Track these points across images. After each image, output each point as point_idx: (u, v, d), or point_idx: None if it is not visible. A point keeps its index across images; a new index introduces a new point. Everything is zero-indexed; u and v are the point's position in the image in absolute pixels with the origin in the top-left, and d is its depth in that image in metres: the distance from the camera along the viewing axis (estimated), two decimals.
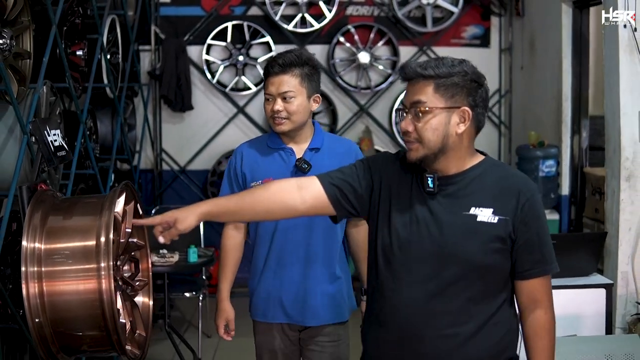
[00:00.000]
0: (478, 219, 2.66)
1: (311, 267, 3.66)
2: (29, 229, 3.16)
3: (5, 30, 4.25)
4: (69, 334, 3.18)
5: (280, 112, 3.55)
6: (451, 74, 2.63)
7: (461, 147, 2.69)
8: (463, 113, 2.65)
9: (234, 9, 8.41)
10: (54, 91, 4.99)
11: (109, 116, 7.06)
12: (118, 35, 6.89)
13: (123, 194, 3.38)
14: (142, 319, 3.55)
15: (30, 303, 3.10)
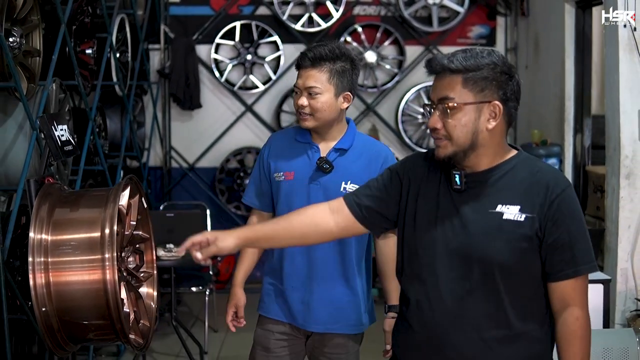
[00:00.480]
0: (504, 217, 2.51)
1: (321, 272, 3.44)
2: (36, 220, 3.27)
3: (15, 28, 4.36)
4: (74, 322, 3.29)
5: (305, 108, 3.35)
6: (480, 66, 2.48)
7: (492, 143, 2.55)
8: (494, 108, 2.50)
9: (242, 9, 8.49)
10: (63, 88, 5.10)
11: (118, 114, 7.15)
12: (127, 34, 6.99)
13: (128, 187, 3.49)
14: (147, 309, 3.65)
15: (37, 293, 3.21)
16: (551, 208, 2.47)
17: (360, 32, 8.48)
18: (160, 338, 6.59)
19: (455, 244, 2.55)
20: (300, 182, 3.40)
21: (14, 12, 4.32)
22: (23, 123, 4.59)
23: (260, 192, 3.57)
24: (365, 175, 3.20)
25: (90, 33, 5.82)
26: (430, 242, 2.61)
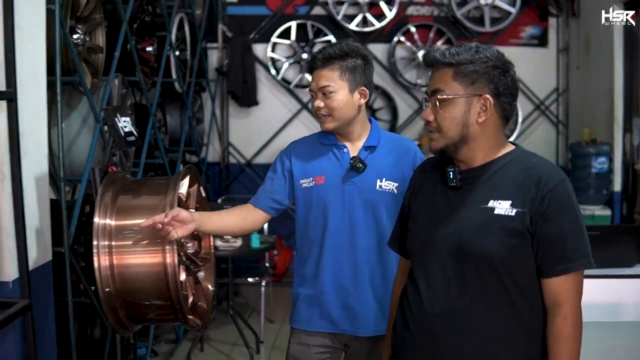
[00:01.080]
0: (495, 212, 2.46)
1: (363, 274, 3.32)
2: (100, 206, 3.43)
3: (80, 26, 4.57)
4: (136, 303, 3.44)
5: (322, 109, 3.30)
6: (472, 60, 2.47)
7: (484, 137, 2.52)
8: (484, 101, 2.48)
9: (298, 9, 8.65)
10: (125, 84, 5.31)
11: (177, 110, 7.37)
12: (186, 33, 7.19)
13: (187, 176, 3.65)
14: (204, 293, 3.80)
15: (102, 274, 3.36)
16: (542, 203, 2.43)
17: (414, 32, 8.58)
18: (217, 327, 6.78)
19: (449, 242, 2.53)
20: (332, 185, 3.32)
21: (78, 10, 4.53)
22: (87, 116, 4.80)
23: (269, 194, 3.47)
24: (396, 171, 3.30)
25: (150, 31, 6.04)
26: (426, 241, 2.61)
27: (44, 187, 3.87)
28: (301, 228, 3.45)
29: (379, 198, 3.29)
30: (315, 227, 3.37)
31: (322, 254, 3.34)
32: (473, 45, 2.53)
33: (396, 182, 3.30)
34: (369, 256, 3.32)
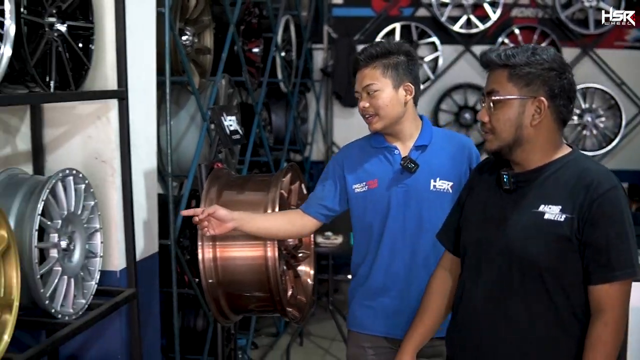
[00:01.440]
0: (545, 217, 2.43)
1: (419, 277, 3.15)
2: (206, 201, 3.58)
3: (189, 28, 4.74)
4: (237, 294, 3.58)
5: (368, 109, 3.20)
6: (528, 62, 2.43)
7: (538, 140, 2.48)
8: (539, 104, 2.43)
9: (402, 10, 8.70)
10: (231, 84, 5.48)
11: (283, 109, 7.52)
12: (292, 35, 7.33)
13: (288, 174, 3.77)
14: (304, 286, 3.92)
15: (205, 265, 3.52)
16: (590, 208, 2.37)
17: (518, 33, 8.53)
18: (317, 322, 6.91)
19: (498, 244, 2.51)
20: (385, 188, 3.22)
21: (187, 13, 4.71)
22: (194, 114, 4.98)
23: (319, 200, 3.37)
24: (452, 169, 3.19)
25: (257, 33, 6.19)
26: (476, 243, 2.60)
27: (152, 182, 4.04)
28: (357, 233, 3.36)
29: (434, 198, 3.17)
30: (371, 231, 3.26)
31: (377, 258, 3.25)
32: (530, 47, 2.48)
33: (451, 181, 3.17)
34: (425, 260, 3.19)
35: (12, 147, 3.47)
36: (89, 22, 3.37)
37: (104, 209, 3.59)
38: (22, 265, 2.86)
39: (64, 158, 3.63)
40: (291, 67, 7.36)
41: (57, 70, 3.15)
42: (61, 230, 3.12)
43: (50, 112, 3.63)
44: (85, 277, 3.32)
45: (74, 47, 3.27)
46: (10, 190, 3.07)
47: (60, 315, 3.08)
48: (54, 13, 3.12)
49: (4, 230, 2.68)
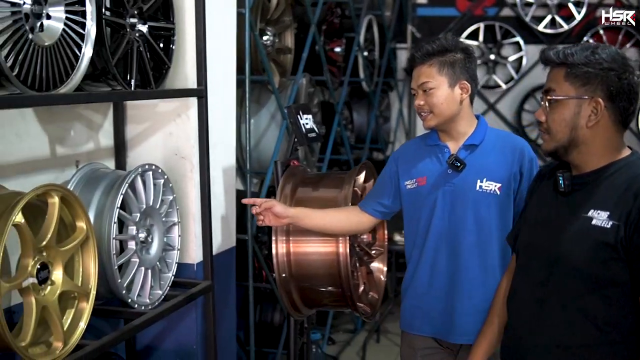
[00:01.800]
0: (592, 222, 2.33)
1: (464, 279, 3.14)
2: (280, 197, 3.65)
3: (269, 28, 4.84)
4: (309, 288, 3.65)
5: (423, 106, 3.16)
6: (585, 61, 2.34)
7: (595, 142, 2.39)
8: (595, 104, 2.34)
9: (487, 10, 8.68)
10: (312, 83, 5.56)
11: (365, 108, 7.59)
12: (375, 34, 7.38)
13: (363, 172, 3.82)
14: (376, 283, 3.97)
15: (279, 260, 3.60)
16: (638, 216, 2.26)
17: (602, 34, 8.42)
18: (394, 320, 6.92)
19: (546, 247, 2.46)
20: (433, 186, 3.19)
21: (268, 14, 4.80)
22: (275, 113, 5.09)
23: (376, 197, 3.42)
24: (502, 170, 3.11)
25: (339, 33, 6.27)
26: (527, 245, 2.58)
27: (231, 178, 4.14)
28: (406, 230, 3.36)
29: (480, 199, 3.10)
30: (417, 229, 3.24)
31: (422, 257, 3.22)
32: (591, 45, 2.40)
33: (499, 182, 3.09)
34: (468, 261, 3.14)
35: (95, 143, 3.60)
36: (170, 23, 3.48)
37: (182, 204, 3.71)
38: (101, 256, 2.98)
39: (145, 154, 3.76)
40: (373, 67, 7.41)
41: (138, 69, 3.27)
42: (139, 223, 3.24)
43: (132, 109, 3.76)
44: (163, 268, 3.42)
45: (155, 47, 3.38)
46: (92, 184, 3.19)
47: (137, 305, 3.19)
48: (136, 14, 3.23)
49: (83, 222, 2.80)
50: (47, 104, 3.01)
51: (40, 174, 3.22)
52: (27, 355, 2.49)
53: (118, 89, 3.19)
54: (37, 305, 2.56)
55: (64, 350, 2.67)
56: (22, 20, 2.50)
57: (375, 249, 3.99)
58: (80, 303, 2.83)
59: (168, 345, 3.84)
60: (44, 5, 2.63)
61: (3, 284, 2.42)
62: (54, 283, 2.68)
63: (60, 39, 2.71)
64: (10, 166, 3.06)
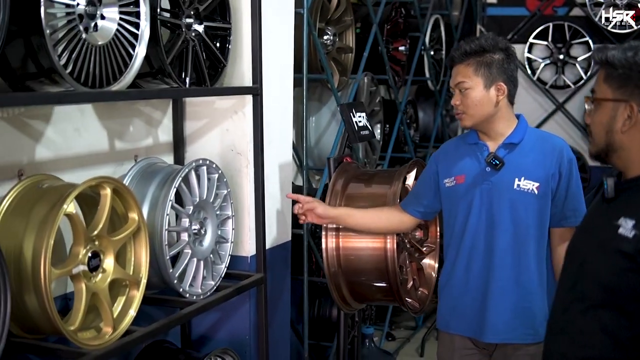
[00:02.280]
0: (618, 231, 2.21)
1: (497, 278, 3.15)
2: (332, 193, 3.75)
3: (330, 28, 4.93)
4: (358, 283, 3.74)
5: (458, 106, 3.17)
6: (623, 63, 2.22)
7: (633, 148, 2.26)
8: (631, 109, 2.22)
9: (557, 10, 8.62)
10: (374, 82, 5.63)
11: (431, 107, 7.62)
12: (442, 33, 7.41)
13: (414, 169, 3.88)
14: (426, 279, 4.02)
15: (328, 255, 3.69)
16: None
17: None
18: None
19: (578, 253, 2.40)
20: (471, 184, 3.20)
21: (328, 13, 4.89)
22: (335, 111, 5.18)
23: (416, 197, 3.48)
24: (539, 170, 3.10)
25: (403, 32, 6.32)
26: (568, 250, 2.50)
27: (287, 174, 4.24)
28: (445, 228, 3.39)
29: (518, 198, 3.10)
30: (454, 227, 3.27)
31: (458, 255, 3.24)
32: (636, 46, 2.25)
33: (537, 181, 3.09)
34: (502, 260, 3.15)
35: (154, 138, 3.74)
36: (226, 23, 3.59)
37: (237, 198, 3.82)
38: (153, 247, 3.11)
39: (203, 149, 3.88)
40: (440, 66, 7.44)
41: (194, 68, 3.38)
42: (192, 216, 3.35)
43: (191, 106, 3.89)
44: (216, 260, 3.54)
45: (211, 46, 3.50)
46: (147, 178, 3.33)
47: (188, 295, 3.31)
48: (192, 15, 3.35)
49: (135, 213, 2.93)
50: (98, 100, 3.16)
51: (99, 168, 3.36)
52: (75, 339, 2.62)
53: (174, 86, 3.30)
54: (87, 292, 2.70)
55: (113, 335, 2.80)
56: (75, 21, 2.63)
57: (426, 245, 4.05)
58: (131, 291, 2.96)
59: (222, 335, 3.96)
60: (99, 7, 2.75)
61: (54, 270, 2.55)
62: (105, 271, 2.81)
63: (114, 38, 2.83)
64: (69, 160, 3.20)
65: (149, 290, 3.29)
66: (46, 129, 3.06)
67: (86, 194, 2.85)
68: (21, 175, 2.87)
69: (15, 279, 2.55)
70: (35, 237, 2.55)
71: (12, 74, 2.64)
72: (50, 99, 2.70)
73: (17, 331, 2.71)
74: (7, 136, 2.87)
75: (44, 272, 2.48)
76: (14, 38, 2.49)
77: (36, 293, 2.52)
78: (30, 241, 2.55)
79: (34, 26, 2.45)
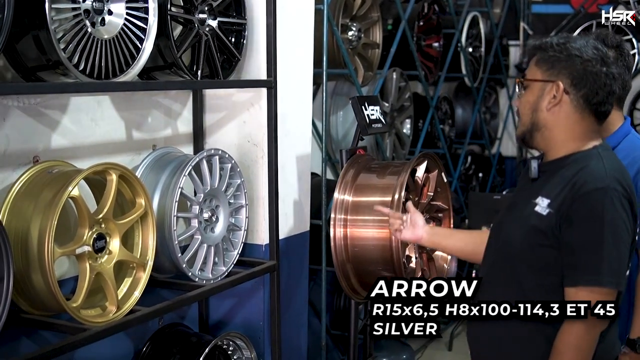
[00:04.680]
0: (535, 208, 2.43)
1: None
2: (341, 184, 3.86)
3: (355, 24, 5.04)
4: (365, 271, 3.84)
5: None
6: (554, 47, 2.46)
7: (557, 128, 2.48)
8: (557, 88, 2.44)
9: (601, 8, 8.59)
10: (404, 77, 5.72)
11: (471, 104, 7.69)
12: (481, 31, 7.47)
13: (423, 162, 3.96)
14: (437, 270, 4.10)
15: (336, 243, 3.81)
16: (571, 207, 2.34)
17: None
18: None
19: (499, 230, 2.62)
20: None
21: (353, 10, 5.01)
22: None
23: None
24: None
25: (437, 29, 6.40)
26: (494, 226, 2.71)
27: (305, 165, 4.36)
28: None
29: None
30: None
31: None
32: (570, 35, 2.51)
33: None
34: None
35: (173, 129, 3.89)
36: (241, 19, 3.73)
37: (253, 188, 3.96)
38: (163, 232, 3.27)
39: (221, 140, 4.02)
40: (479, 63, 7.49)
41: (206, 61, 3.53)
42: (203, 204, 3.50)
43: (211, 99, 4.03)
44: (228, 247, 3.68)
45: (225, 41, 3.63)
46: (161, 166, 3.49)
47: (198, 279, 3.45)
48: (205, 10, 3.49)
49: (142, 199, 3.09)
50: (101, 90, 3.31)
51: (116, 156, 3.51)
52: (78, 315, 2.78)
53: (186, 78, 3.45)
54: (90, 271, 2.87)
55: (117, 314, 2.96)
56: (81, 16, 2.79)
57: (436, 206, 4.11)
58: (137, 273, 3.13)
59: (237, 320, 4.10)
60: (106, 2, 2.91)
61: (57, 249, 2.72)
62: (110, 252, 2.98)
63: (121, 32, 2.99)
64: (86, 148, 3.36)
65: (163, 274, 3.47)
66: (62, 118, 3.23)
67: (99, 181, 3.02)
68: (36, 162, 3.04)
69: (23, 258, 2.73)
70: (42, 218, 2.72)
71: (24, 66, 2.82)
72: (53, 88, 2.87)
73: (27, 308, 2.88)
74: (23, 124, 3.04)
75: (47, 251, 2.65)
76: (26, 32, 2.67)
77: (41, 271, 2.69)
78: (37, 222, 2.72)
79: (40, 21, 2.62)
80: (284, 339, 4.01)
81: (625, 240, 2.36)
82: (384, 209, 3.38)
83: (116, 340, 3.50)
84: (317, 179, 4.79)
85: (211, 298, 4.07)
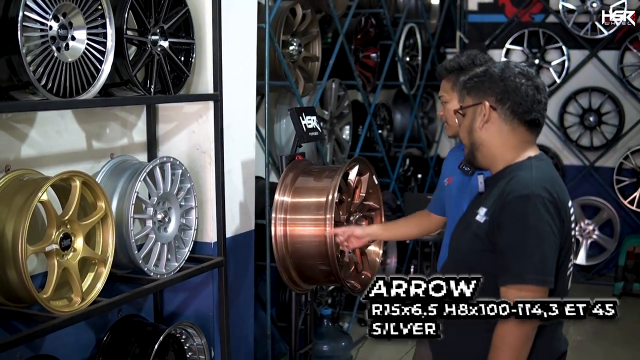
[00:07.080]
0: (476, 217, 2.65)
1: None
2: (281, 186, 4.24)
3: (295, 39, 5.46)
4: (304, 265, 4.22)
5: (442, 117, 3.56)
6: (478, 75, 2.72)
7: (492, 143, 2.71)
8: (484, 107, 2.68)
9: (534, 17, 9.12)
10: (342, 87, 6.15)
11: (409, 110, 8.14)
12: (418, 41, 7.93)
13: (355, 166, 4.36)
14: (370, 264, 4.51)
15: (277, 241, 4.17)
16: (501, 213, 2.53)
17: None
18: None
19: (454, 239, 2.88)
20: (457, 187, 3.52)
21: (293, 26, 5.43)
22: None
23: (436, 195, 3.83)
24: None
25: (374, 41, 6.84)
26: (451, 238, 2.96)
27: (250, 169, 4.78)
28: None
29: None
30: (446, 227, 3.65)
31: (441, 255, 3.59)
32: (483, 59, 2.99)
33: None
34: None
35: (129, 139, 4.27)
36: (189, 39, 4.12)
37: (202, 191, 4.36)
38: (121, 232, 3.66)
39: (173, 148, 4.41)
40: (416, 71, 7.94)
41: (159, 78, 3.92)
42: (157, 206, 3.89)
43: (163, 110, 4.42)
44: (180, 245, 4.07)
45: (175, 59, 4.02)
46: (118, 173, 3.86)
47: (152, 274, 3.84)
48: (157, 32, 3.88)
49: (102, 202, 3.48)
50: (67, 107, 3.66)
51: (78, 164, 3.88)
52: (48, 305, 3.17)
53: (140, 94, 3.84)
54: (58, 267, 3.25)
55: (82, 304, 3.35)
56: (49, 42, 3.18)
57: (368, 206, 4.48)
58: (99, 268, 3.51)
59: (189, 312, 4.50)
60: (69, 29, 3.30)
61: (29, 247, 3.11)
62: (75, 250, 3.36)
63: (83, 55, 3.37)
64: (52, 157, 3.73)
65: (122, 270, 3.85)
66: (30, 131, 3.60)
67: (64, 186, 3.41)
68: (8, 170, 3.41)
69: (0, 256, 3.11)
70: (15, 220, 3.09)
71: None
72: (25, 106, 3.26)
73: (3, 301, 3.26)
74: None
75: (21, 249, 3.03)
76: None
77: (15, 267, 3.07)
78: (11, 224, 3.10)
79: (13, 46, 3.00)
80: (232, 329, 4.42)
81: (550, 241, 2.51)
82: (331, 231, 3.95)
83: (80, 331, 3.89)
84: (261, 182, 5.21)
85: (165, 291, 4.46)
